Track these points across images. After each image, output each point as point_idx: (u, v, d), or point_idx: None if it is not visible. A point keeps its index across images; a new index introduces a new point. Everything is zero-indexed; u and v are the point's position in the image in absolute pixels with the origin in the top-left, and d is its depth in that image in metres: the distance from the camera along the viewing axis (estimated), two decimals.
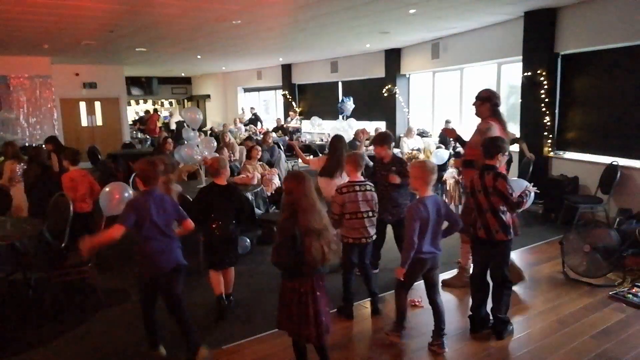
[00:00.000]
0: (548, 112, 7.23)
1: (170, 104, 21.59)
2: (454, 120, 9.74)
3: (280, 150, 9.01)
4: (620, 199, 6.28)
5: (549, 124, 7.26)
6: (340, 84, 13.90)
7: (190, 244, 4.88)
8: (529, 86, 7.37)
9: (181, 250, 3.31)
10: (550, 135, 7.33)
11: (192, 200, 4.41)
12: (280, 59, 14.25)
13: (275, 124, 14.92)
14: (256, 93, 18.24)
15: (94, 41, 9.20)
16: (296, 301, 2.77)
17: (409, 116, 11.68)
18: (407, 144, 9.58)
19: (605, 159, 6.56)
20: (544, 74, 7.14)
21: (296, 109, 15.12)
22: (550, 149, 7.37)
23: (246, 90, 18.26)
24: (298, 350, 2.98)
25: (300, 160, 7.62)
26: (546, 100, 7.20)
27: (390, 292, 4.12)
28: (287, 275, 2.81)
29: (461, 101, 9.86)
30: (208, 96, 19.98)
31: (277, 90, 16.40)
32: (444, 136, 9.17)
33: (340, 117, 11.94)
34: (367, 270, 4.05)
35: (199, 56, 12.49)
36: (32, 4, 6.09)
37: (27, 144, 10.74)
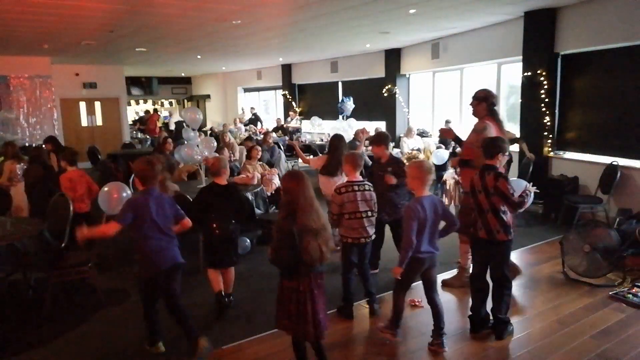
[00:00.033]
0: (548, 112, 7.24)
1: (170, 104, 21.59)
2: (454, 120, 9.73)
3: (280, 150, 9.02)
4: (620, 199, 6.28)
5: (549, 124, 7.27)
6: (340, 84, 13.90)
7: (190, 244, 4.90)
8: (529, 86, 7.38)
9: (179, 249, 3.36)
10: (550, 135, 7.33)
11: (193, 200, 4.42)
12: (280, 59, 14.25)
13: (275, 124, 14.90)
14: (256, 93, 18.23)
15: (94, 41, 9.20)
16: (294, 300, 2.77)
17: (409, 116, 11.68)
18: (407, 144, 9.57)
19: (605, 159, 6.56)
20: (544, 74, 7.14)
21: (296, 109, 15.12)
22: (550, 149, 7.37)
23: (246, 90, 18.26)
24: (298, 350, 2.98)
25: (300, 160, 7.62)
26: (546, 100, 7.20)
27: (390, 293, 4.11)
28: (286, 274, 2.81)
29: (461, 101, 9.85)
30: (208, 96, 19.98)
31: (277, 90, 16.40)
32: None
33: (340, 117, 11.95)
34: (366, 270, 4.05)
35: (199, 56, 12.49)
36: (32, 4, 6.09)
37: (27, 144, 10.75)
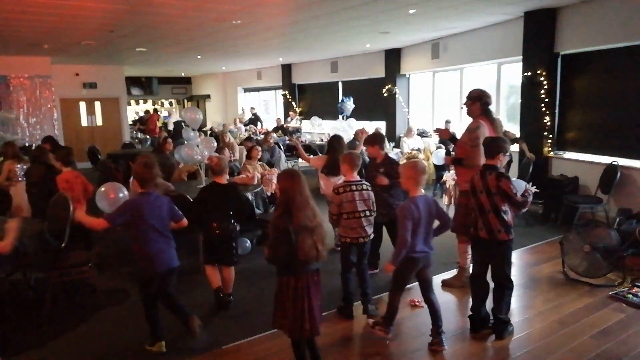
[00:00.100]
0: (548, 112, 7.23)
1: (170, 104, 21.59)
2: (454, 120, 9.72)
3: (280, 150, 9.02)
4: (620, 199, 6.28)
5: (549, 124, 7.26)
6: (340, 84, 13.89)
7: (190, 243, 4.90)
8: (529, 86, 7.37)
9: (176, 251, 3.41)
10: (550, 135, 7.33)
11: (193, 200, 4.42)
12: (280, 59, 14.24)
13: (275, 124, 14.90)
14: (256, 93, 18.23)
15: (94, 41, 9.20)
16: (292, 297, 2.79)
17: (409, 116, 11.67)
18: (407, 144, 9.58)
19: (605, 159, 6.56)
20: (544, 74, 7.14)
21: (296, 109, 15.11)
22: (550, 149, 7.37)
23: (246, 90, 18.26)
24: (298, 351, 2.97)
25: (300, 159, 7.63)
26: (546, 100, 7.20)
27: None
28: (283, 272, 2.82)
29: (461, 101, 9.80)
30: (208, 96, 19.97)
31: (277, 90, 16.39)
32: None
33: (340, 117, 11.95)
34: (364, 270, 4.04)
35: (199, 56, 12.49)
36: (32, 4, 6.08)
37: (27, 144, 10.74)
